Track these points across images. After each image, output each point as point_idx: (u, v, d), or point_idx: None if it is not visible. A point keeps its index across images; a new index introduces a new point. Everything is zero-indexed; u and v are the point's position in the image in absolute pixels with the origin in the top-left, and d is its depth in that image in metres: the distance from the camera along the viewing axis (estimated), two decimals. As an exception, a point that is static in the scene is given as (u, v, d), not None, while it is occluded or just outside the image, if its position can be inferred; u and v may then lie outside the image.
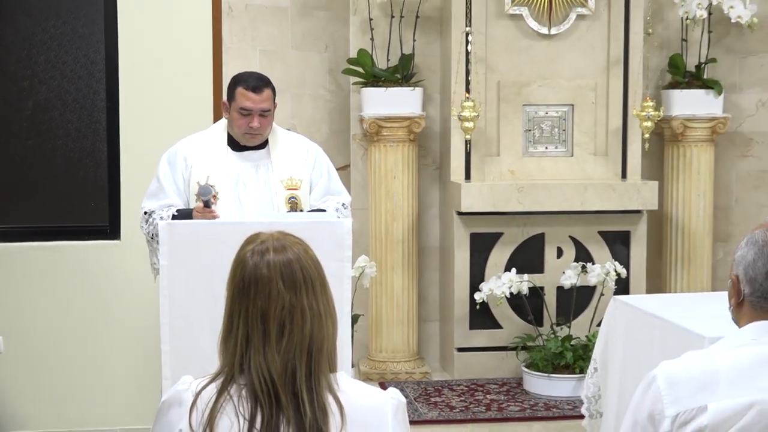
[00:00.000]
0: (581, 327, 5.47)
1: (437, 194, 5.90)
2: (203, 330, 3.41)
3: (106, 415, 5.18)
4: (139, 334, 5.04)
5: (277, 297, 2.01)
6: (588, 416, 3.91)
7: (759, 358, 2.17)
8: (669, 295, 5.51)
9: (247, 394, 1.99)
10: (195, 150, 4.12)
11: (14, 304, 5.11)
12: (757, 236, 2.24)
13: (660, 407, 2.16)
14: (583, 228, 5.60)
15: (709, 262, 5.86)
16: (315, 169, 4.21)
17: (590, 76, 5.65)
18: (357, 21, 5.72)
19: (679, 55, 5.86)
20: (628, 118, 5.59)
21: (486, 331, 5.58)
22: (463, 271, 5.55)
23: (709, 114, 5.76)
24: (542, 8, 5.55)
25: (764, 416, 2.10)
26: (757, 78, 5.99)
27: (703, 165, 5.81)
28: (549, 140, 5.67)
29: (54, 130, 5.19)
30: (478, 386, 5.42)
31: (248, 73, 4.27)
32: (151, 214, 4.01)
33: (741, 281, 2.24)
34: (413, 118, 5.51)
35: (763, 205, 6.00)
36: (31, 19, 5.14)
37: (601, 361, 3.81)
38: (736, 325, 2.30)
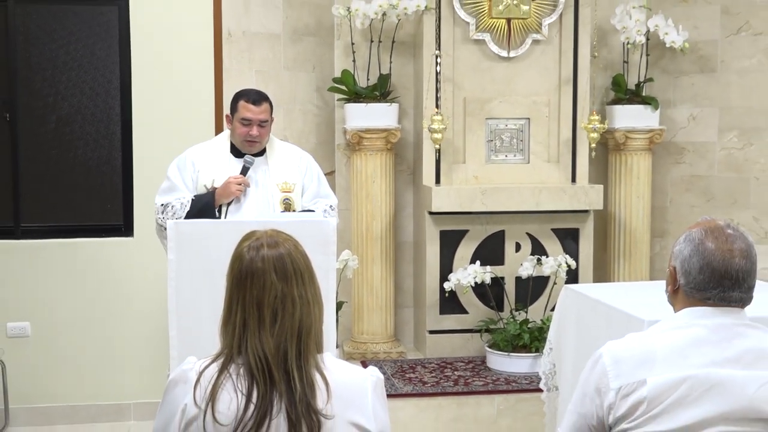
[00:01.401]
0: (537, 312, 5.48)
1: (411, 196, 5.90)
2: (206, 316, 3.39)
3: (121, 390, 5.17)
4: (150, 319, 5.03)
5: (271, 287, 2.01)
6: (546, 390, 3.92)
7: (691, 339, 2.18)
8: (613, 284, 5.53)
9: (244, 372, 1.99)
10: (202, 156, 4.12)
11: (39, 294, 5.09)
12: (695, 234, 2.24)
13: (606, 381, 2.17)
14: (538, 226, 5.61)
15: (648, 255, 5.89)
16: (307, 174, 4.21)
17: (544, 94, 5.65)
18: (341, 45, 5.72)
19: (621, 75, 5.88)
20: (577, 130, 5.60)
21: (454, 315, 5.58)
22: (434, 263, 5.55)
23: (647, 126, 5.78)
24: (502, 34, 5.56)
25: (695, 389, 2.11)
26: (689, 95, 6.02)
27: (642, 171, 5.83)
28: (508, 149, 5.68)
29: (75, 141, 5.17)
30: (447, 364, 5.43)
31: (249, 89, 4.28)
32: (167, 205, 4.01)
33: (678, 272, 2.26)
34: (390, 130, 5.51)
35: (694, 206, 6.03)
36: (54, 44, 5.12)
37: (555, 341, 3.82)
38: (672, 309, 2.33)
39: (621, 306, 3.32)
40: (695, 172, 6.06)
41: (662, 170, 6.09)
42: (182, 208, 3.98)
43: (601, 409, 2.17)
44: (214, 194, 3.98)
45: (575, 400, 2.28)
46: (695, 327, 2.20)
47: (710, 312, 2.21)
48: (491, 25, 5.55)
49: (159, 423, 2.07)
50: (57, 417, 5.12)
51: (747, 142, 5.90)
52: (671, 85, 6.03)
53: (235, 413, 1.96)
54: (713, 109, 5.97)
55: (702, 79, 5.97)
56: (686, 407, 2.11)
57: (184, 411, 1.99)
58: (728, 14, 5.87)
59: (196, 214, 3.93)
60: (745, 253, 2.22)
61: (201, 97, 5.14)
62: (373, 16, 5.44)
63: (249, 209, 4.00)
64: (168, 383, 2.07)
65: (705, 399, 2.11)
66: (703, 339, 2.17)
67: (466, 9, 5.52)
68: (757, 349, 2.18)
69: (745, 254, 2.21)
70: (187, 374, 2.03)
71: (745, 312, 2.24)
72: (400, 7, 5.41)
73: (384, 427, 2.10)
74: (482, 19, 5.54)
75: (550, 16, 5.58)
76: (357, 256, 5.39)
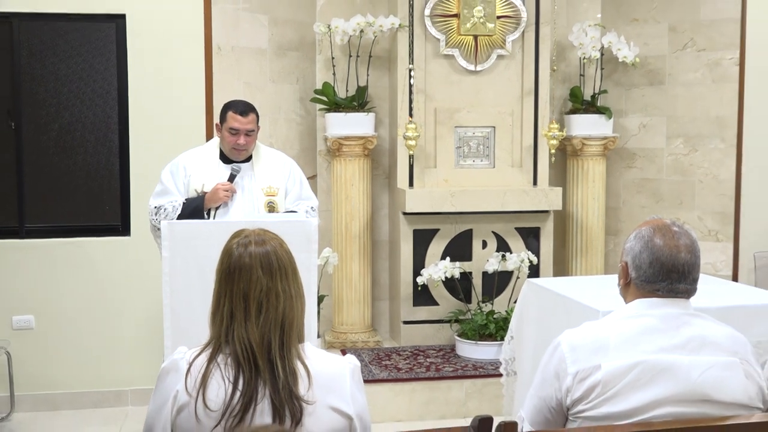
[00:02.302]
0: (502, 304, 5.50)
1: (387, 198, 5.90)
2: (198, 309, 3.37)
3: (119, 378, 5.14)
4: (145, 312, 5.01)
5: (257, 281, 2.00)
6: (505, 374, 3.92)
7: (642, 328, 2.19)
8: (570, 277, 5.55)
9: (231, 361, 1.98)
10: (193, 162, 4.10)
11: (43, 289, 5.05)
12: (644, 232, 2.26)
13: (564, 366, 2.18)
14: (503, 225, 5.63)
15: (602, 251, 5.92)
16: (290, 178, 4.20)
17: (508, 104, 5.67)
18: (322, 59, 5.72)
19: (578, 87, 5.91)
20: (538, 137, 5.62)
21: (426, 307, 5.59)
22: (408, 259, 5.56)
23: (602, 134, 5.81)
24: (470, 50, 5.57)
25: (646, 373, 2.12)
26: (639, 105, 6.06)
27: (597, 174, 5.86)
28: (476, 155, 5.69)
29: (75, 148, 5.13)
30: (419, 351, 5.44)
31: (237, 100, 4.26)
32: (160, 208, 3.99)
33: (629, 267, 2.27)
34: (367, 138, 5.50)
35: (644, 206, 6.07)
36: (56, 58, 5.08)
37: (516, 331, 3.83)
38: (624, 301, 2.34)
39: (578, 298, 3.33)
40: (645, 176, 6.10)
41: (615, 174, 6.13)
42: (174, 210, 3.96)
43: (559, 392, 2.18)
44: (204, 199, 3.97)
45: (536, 384, 2.28)
46: (645, 317, 2.21)
47: (659, 303, 2.22)
48: (460, 42, 5.56)
49: (152, 409, 2.05)
50: (60, 403, 5.09)
51: (692, 149, 5.94)
52: (623, 97, 6.06)
53: (223, 399, 1.95)
54: (661, 118, 6.00)
55: (651, 90, 6.01)
56: (637, 390, 2.12)
57: (176, 398, 1.98)
58: (675, 32, 5.91)
59: (187, 217, 3.91)
60: (690, 249, 2.23)
61: (192, 107, 5.12)
62: (351, 32, 5.44)
63: (236, 213, 3.99)
64: (160, 371, 2.06)
65: (654, 382, 2.12)
66: (653, 327, 2.19)
67: (436, 26, 5.52)
68: (701, 336, 2.19)
69: (690, 249, 2.23)
70: (178, 363, 2.02)
71: (690, 302, 2.26)
72: (376, 24, 5.42)
73: (362, 410, 2.09)
74: (451, 35, 5.55)
75: (514, 33, 5.60)
76: (337, 253, 5.38)
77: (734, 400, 2.16)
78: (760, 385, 2.22)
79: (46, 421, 4.93)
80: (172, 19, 5.09)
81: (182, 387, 1.98)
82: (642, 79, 6.01)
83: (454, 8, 5.54)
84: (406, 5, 5.44)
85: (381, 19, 5.43)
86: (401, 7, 5.47)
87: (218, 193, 3.95)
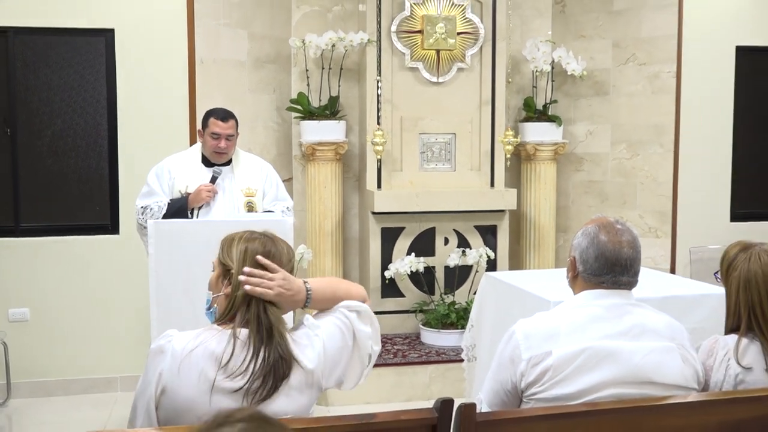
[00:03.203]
0: (462, 295, 5.51)
1: (357, 199, 5.89)
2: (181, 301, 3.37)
3: (109, 365, 5.09)
4: (133, 304, 4.96)
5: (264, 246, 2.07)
6: (466, 360, 3.93)
7: (589, 317, 2.20)
8: (524, 271, 5.58)
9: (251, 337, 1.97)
10: (177, 165, 4.06)
11: (37, 284, 4.99)
12: (590, 230, 2.27)
13: (518, 353, 2.18)
14: (463, 223, 5.64)
15: (553, 247, 5.95)
16: (267, 181, 4.17)
17: (467, 113, 5.68)
18: (297, 71, 5.70)
19: (530, 98, 5.94)
20: (494, 143, 5.64)
21: (393, 299, 5.58)
22: (376, 255, 5.55)
23: (553, 140, 5.85)
24: (432, 63, 5.58)
25: (592, 358, 2.13)
26: (586, 114, 6.11)
27: (548, 177, 5.89)
28: (438, 159, 5.69)
29: (67, 152, 5.06)
30: (387, 339, 5.43)
31: (218, 108, 4.22)
32: (146, 208, 3.95)
33: (577, 261, 2.28)
34: (339, 143, 5.49)
35: (591, 206, 6.11)
36: (49, 69, 5.01)
37: (476, 320, 3.83)
38: (572, 292, 2.34)
39: (531, 289, 3.34)
40: (592, 178, 6.14)
41: (565, 176, 6.16)
42: (160, 210, 3.92)
43: (514, 376, 2.18)
44: (188, 199, 3.93)
45: (493, 369, 2.28)
46: (592, 307, 2.22)
47: (604, 294, 2.23)
48: (423, 56, 5.56)
49: (140, 387, 2.02)
50: (54, 389, 5.03)
51: (634, 153, 5.99)
52: (572, 106, 6.10)
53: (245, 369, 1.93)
54: (606, 126, 6.05)
55: (597, 101, 6.05)
56: (585, 373, 2.12)
57: (159, 379, 1.95)
58: (618, 47, 5.96)
59: (171, 216, 3.88)
60: (632, 244, 2.25)
61: (176, 114, 5.07)
62: (324, 47, 5.43)
63: (217, 212, 3.96)
64: (149, 352, 2.02)
65: (600, 366, 2.13)
66: (599, 316, 2.20)
67: (402, 42, 5.52)
68: (641, 324, 2.20)
69: (631, 245, 2.24)
70: (164, 347, 1.99)
71: (632, 293, 2.27)
72: (347, 39, 5.41)
73: None
74: (416, 50, 5.55)
75: (473, 48, 5.61)
76: (311, 249, 5.37)
77: (672, 382, 2.18)
78: (695, 368, 2.24)
79: (41, 406, 4.87)
80: (158, 33, 5.04)
81: (166, 369, 1.94)
82: (588, 90, 6.06)
83: (418, 25, 5.54)
84: (375, 22, 5.44)
85: (351, 35, 5.42)
86: (370, 24, 5.46)
87: (201, 193, 3.92)
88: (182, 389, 1.92)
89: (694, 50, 5.79)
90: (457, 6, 5.57)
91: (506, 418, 2.06)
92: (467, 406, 1.97)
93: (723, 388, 2.28)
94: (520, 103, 6.01)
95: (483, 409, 2.25)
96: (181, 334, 2.00)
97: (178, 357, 1.94)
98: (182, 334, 2.00)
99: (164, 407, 1.95)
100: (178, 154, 4.18)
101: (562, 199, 6.13)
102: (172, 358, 1.94)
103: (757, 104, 6.04)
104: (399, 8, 5.52)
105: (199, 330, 2.02)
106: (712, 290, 3.30)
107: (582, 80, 5.92)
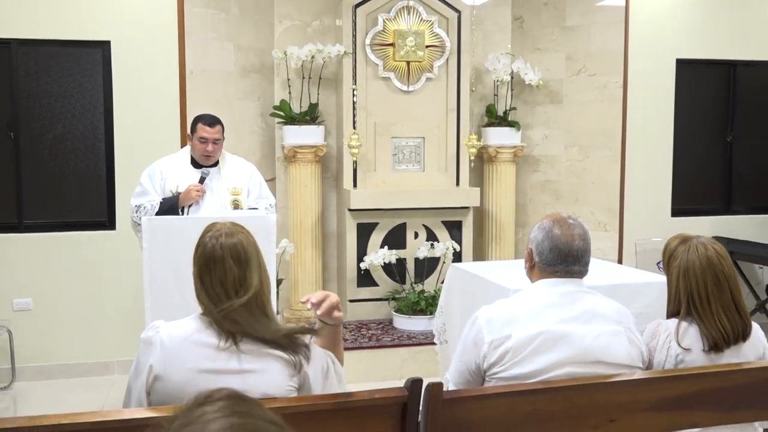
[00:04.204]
0: (431, 284, 5.52)
1: (335, 197, 5.87)
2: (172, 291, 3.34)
3: (107, 350, 5.03)
4: (129, 294, 4.90)
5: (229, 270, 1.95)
6: (438, 343, 3.94)
7: (545, 303, 2.21)
8: (487, 262, 5.59)
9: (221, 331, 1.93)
10: (168, 167, 4.02)
11: (40, 276, 4.92)
12: (545, 224, 2.28)
13: (481, 336, 2.19)
14: (432, 219, 5.64)
15: (513, 240, 5.98)
16: (251, 180, 4.14)
17: (435, 119, 5.69)
18: (279, 81, 5.67)
19: (492, 105, 5.96)
20: (460, 146, 5.65)
21: (368, 288, 5.57)
22: (352, 248, 5.53)
23: (512, 144, 5.87)
24: (403, 73, 5.58)
25: (548, 340, 2.15)
26: (542, 120, 6.14)
27: (508, 177, 5.92)
28: (409, 161, 5.70)
29: (67, 155, 4.99)
30: (363, 325, 5.42)
31: (206, 114, 4.17)
32: (140, 206, 3.91)
33: (533, 253, 2.29)
34: (318, 146, 5.47)
35: (546, 203, 6.15)
36: (50, 77, 4.93)
37: (445, 306, 3.84)
38: (529, 281, 2.35)
39: (493, 279, 3.36)
40: (547, 178, 6.17)
41: (523, 176, 6.19)
42: (152, 208, 3.88)
43: (478, 358, 2.19)
44: (178, 198, 3.89)
45: (458, 352, 2.29)
46: (547, 294, 2.23)
47: (558, 282, 2.24)
48: (395, 67, 5.55)
49: (132, 373, 2.00)
50: (55, 372, 4.97)
51: (585, 156, 6.03)
52: (529, 113, 6.13)
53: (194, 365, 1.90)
54: (560, 131, 6.09)
55: (552, 108, 6.09)
56: (541, 354, 2.13)
57: (151, 370, 1.93)
58: (571, 60, 6.00)
59: (163, 214, 3.83)
60: (583, 237, 2.26)
61: (168, 120, 5.02)
62: (304, 58, 5.40)
63: (206, 210, 3.93)
64: (139, 342, 2.00)
65: (555, 348, 2.14)
66: (554, 303, 2.21)
67: (375, 54, 5.51)
68: (592, 309, 2.22)
69: (582, 238, 2.26)
70: (152, 338, 1.96)
71: (583, 281, 2.29)
72: (325, 51, 5.38)
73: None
74: (388, 61, 5.54)
75: (440, 60, 5.62)
76: (293, 243, 5.34)
77: (619, 362, 2.19)
78: (640, 349, 2.26)
79: (43, 389, 4.81)
80: (151, 45, 4.98)
81: (157, 360, 1.92)
82: (544, 99, 6.09)
83: (390, 39, 5.53)
84: (350, 36, 5.42)
85: (329, 47, 5.40)
86: (346, 37, 5.45)
87: (190, 193, 3.89)
88: (173, 375, 1.91)
89: (638, 63, 5.84)
90: (425, 21, 5.57)
91: (470, 396, 2.06)
92: (435, 385, 1.97)
93: (665, 367, 2.30)
94: (483, 110, 6.02)
95: (450, 388, 2.26)
96: (168, 324, 1.98)
97: (167, 346, 1.93)
98: (169, 324, 1.98)
99: (157, 392, 1.93)
100: (169, 157, 4.14)
101: (520, 197, 6.16)
102: (161, 348, 1.93)
103: (695, 112, 6.11)
104: (372, 23, 5.51)
105: (186, 318, 2.00)
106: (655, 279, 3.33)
107: (538, 89, 5.94)
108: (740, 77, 6.15)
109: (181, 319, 2.01)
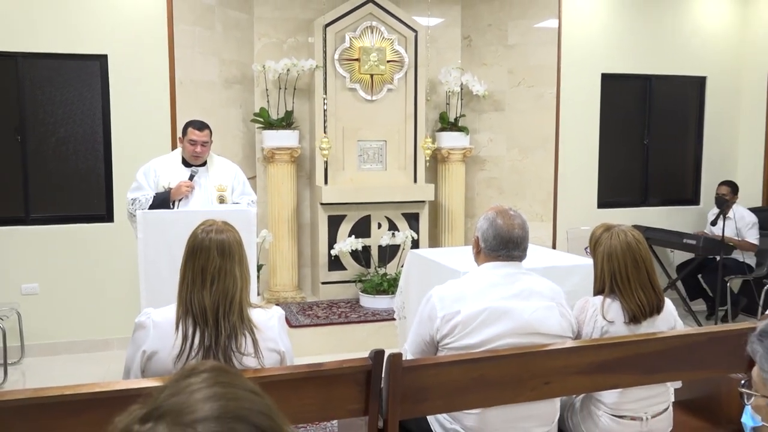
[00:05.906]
0: (392, 268, 5.53)
1: (308, 193, 5.83)
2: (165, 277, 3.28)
3: (106, 329, 4.94)
4: (125, 279, 4.82)
5: (212, 260, 1.93)
6: (398, 319, 3.95)
7: (489, 283, 2.22)
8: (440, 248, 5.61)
9: (189, 320, 1.91)
10: (161, 165, 3.96)
11: (45, 264, 4.81)
12: (490, 215, 2.29)
13: (434, 312, 2.19)
14: (393, 211, 5.65)
15: (463, 229, 6.01)
16: (235, 179, 4.09)
17: (396, 124, 5.68)
18: (259, 90, 5.61)
19: (445, 112, 5.97)
20: (417, 148, 5.66)
21: (338, 271, 5.56)
22: (324, 237, 5.51)
23: (462, 146, 5.89)
24: (367, 85, 5.56)
25: (492, 315, 2.16)
26: (487, 125, 6.17)
27: (458, 175, 5.94)
28: (373, 161, 5.69)
29: (69, 156, 4.88)
30: (333, 304, 5.41)
31: (195, 119, 4.11)
32: (135, 200, 3.84)
33: (480, 240, 2.30)
34: (293, 149, 5.42)
35: (491, 197, 6.19)
36: (53, 87, 4.81)
37: (404, 287, 3.85)
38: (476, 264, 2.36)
39: (445, 262, 3.37)
40: (492, 176, 6.22)
41: (471, 174, 6.22)
42: (147, 202, 3.81)
43: (432, 330, 2.19)
44: (170, 193, 3.83)
45: (415, 325, 2.29)
46: (492, 275, 2.24)
47: (500, 265, 2.26)
48: (360, 78, 5.53)
49: (129, 354, 1.97)
50: (60, 349, 4.86)
51: (524, 157, 6.09)
52: (477, 119, 6.16)
53: (180, 349, 1.88)
54: (503, 135, 6.13)
55: (496, 115, 6.12)
56: (486, 327, 2.15)
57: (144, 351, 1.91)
58: (512, 74, 6.04)
59: (156, 207, 3.77)
60: (522, 226, 2.28)
61: (159, 124, 4.94)
62: (280, 71, 5.35)
63: (195, 204, 3.87)
64: (135, 326, 1.97)
65: (498, 321, 2.16)
66: (497, 282, 2.22)
67: (343, 67, 5.48)
68: (530, 288, 2.24)
69: (521, 227, 2.27)
70: (144, 323, 1.95)
71: (522, 264, 2.31)
72: (299, 65, 5.34)
73: (288, 348, 2.05)
74: (354, 74, 5.52)
75: (399, 73, 5.61)
76: (271, 233, 5.30)
77: (553, 332, 2.22)
78: (570, 321, 2.29)
79: (49, 363, 4.70)
80: (145, 58, 4.89)
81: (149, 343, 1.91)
82: (489, 107, 6.12)
83: (356, 54, 5.50)
84: (321, 51, 5.39)
85: (302, 62, 5.36)
86: (317, 53, 5.41)
87: (181, 188, 3.83)
88: (165, 352, 1.89)
89: (569, 76, 5.90)
90: (387, 39, 5.56)
91: (426, 364, 2.07)
92: (395, 355, 1.97)
93: (592, 337, 2.34)
94: (437, 117, 6.03)
95: (408, 357, 2.26)
96: (157, 310, 1.97)
97: (159, 327, 1.91)
98: (159, 310, 1.97)
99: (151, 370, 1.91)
100: (162, 157, 4.07)
101: (469, 192, 6.19)
102: (154, 329, 1.91)
103: (617, 118, 6.20)
104: (341, 41, 5.48)
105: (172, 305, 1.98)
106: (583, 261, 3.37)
107: (484, 99, 5.97)
108: (655, 89, 6.26)
109: (169, 306, 1.99)
